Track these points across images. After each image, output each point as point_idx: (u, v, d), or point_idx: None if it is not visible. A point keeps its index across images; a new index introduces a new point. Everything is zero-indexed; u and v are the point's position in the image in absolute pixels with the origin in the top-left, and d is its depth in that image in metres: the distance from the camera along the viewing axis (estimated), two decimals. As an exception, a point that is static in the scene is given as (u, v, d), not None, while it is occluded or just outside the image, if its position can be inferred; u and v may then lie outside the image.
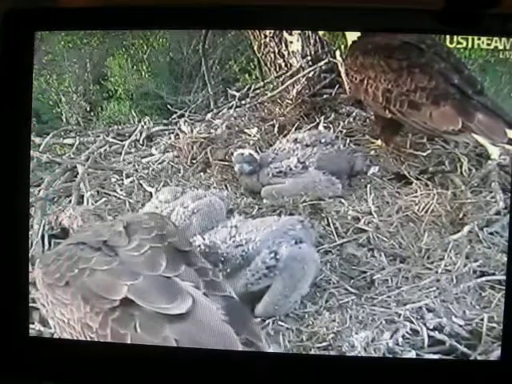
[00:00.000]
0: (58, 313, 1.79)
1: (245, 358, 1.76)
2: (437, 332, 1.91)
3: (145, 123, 2.49)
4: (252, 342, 1.71)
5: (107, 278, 1.75)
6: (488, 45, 1.93)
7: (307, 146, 2.38)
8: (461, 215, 2.14)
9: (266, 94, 2.54)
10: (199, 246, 2.01)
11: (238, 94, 2.53)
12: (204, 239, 2.04)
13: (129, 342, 1.69)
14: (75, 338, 1.77)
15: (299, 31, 2.45)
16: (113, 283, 1.73)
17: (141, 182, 2.36)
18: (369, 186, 2.29)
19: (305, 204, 2.24)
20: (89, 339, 1.74)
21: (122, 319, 1.69)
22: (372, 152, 2.38)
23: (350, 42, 2.28)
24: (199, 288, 1.75)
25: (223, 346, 1.70)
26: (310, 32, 2.46)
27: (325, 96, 2.55)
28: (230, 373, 1.83)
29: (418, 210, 2.18)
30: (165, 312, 1.67)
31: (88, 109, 2.46)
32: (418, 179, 2.26)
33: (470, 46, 1.95)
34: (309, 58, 2.54)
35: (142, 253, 1.80)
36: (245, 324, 1.75)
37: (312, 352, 1.90)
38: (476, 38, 1.93)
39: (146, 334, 1.67)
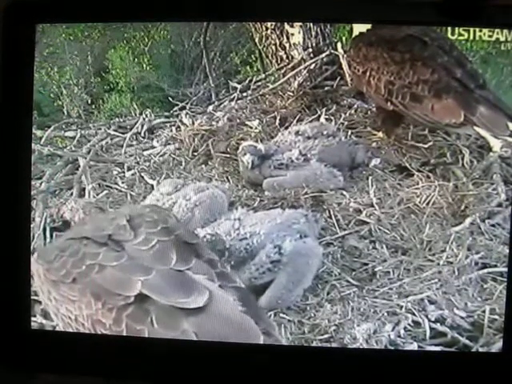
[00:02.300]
0: (64, 309, 1.78)
1: (245, 350, 1.76)
2: (438, 324, 1.91)
3: (146, 116, 2.49)
4: (269, 332, 1.71)
5: (119, 274, 1.72)
6: (489, 37, 1.93)
7: (309, 138, 2.38)
8: (462, 207, 2.14)
9: (268, 86, 2.55)
10: (204, 237, 2.01)
11: (239, 87, 2.54)
12: (207, 231, 2.04)
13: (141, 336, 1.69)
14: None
15: (300, 23, 2.45)
16: (126, 279, 1.71)
17: (142, 174, 2.36)
18: (370, 178, 2.29)
19: (306, 196, 2.24)
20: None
21: (137, 314, 1.67)
22: (373, 144, 2.39)
23: (355, 34, 2.28)
24: (214, 280, 1.74)
25: (246, 337, 1.69)
26: (311, 24, 2.46)
27: (326, 88, 2.55)
28: (228, 365, 1.83)
29: (419, 202, 2.18)
30: (182, 306, 1.66)
31: (89, 101, 2.46)
32: (419, 171, 2.26)
33: (471, 37, 1.95)
34: (310, 50, 2.54)
35: (150, 247, 1.78)
36: (260, 314, 1.75)
37: (314, 344, 1.90)
38: (477, 29, 1.93)
39: (163, 328, 1.66)
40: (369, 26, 2.20)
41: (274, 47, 2.54)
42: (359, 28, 2.24)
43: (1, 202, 1.89)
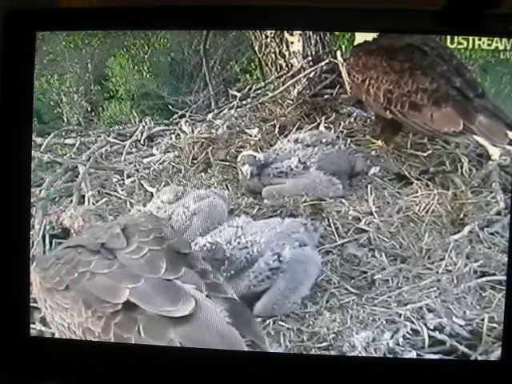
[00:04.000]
0: (58, 317, 1.79)
1: (246, 357, 1.76)
2: (437, 332, 1.91)
3: (146, 123, 2.49)
4: (256, 344, 1.72)
5: (108, 282, 1.74)
6: (489, 45, 1.93)
7: (308, 146, 2.38)
8: (461, 215, 2.14)
9: (267, 95, 2.54)
10: (204, 246, 2.01)
11: (238, 95, 2.53)
12: (207, 240, 2.05)
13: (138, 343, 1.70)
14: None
15: (300, 32, 2.45)
16: (114, 287, 1.73)
17: (142, 182, 2.36)
18: (369, 186, 2.29)
19: (305, 204, 2.24)
20: (91, 344, 1.75)
21: (125, 323, 1.69)
22: (373, 152, 2.38)
23: (356, 43, 2.29)
24: (201, 290, 1.75)
25: (228, 348, 1.70)
26: (310, 32, 2.47)
27: (326, 96, 2.55)
28: (229, 373, 1.83)
29: (418, 211, 2.18)
30: (168, 315, 1.67)
31: (89, 109, 2.46)
32: (418, 179, 2.26)
33: (470, 46, 1.96)
34: (310, 58, 2.54)
35: (141, 256, 1.79)
36: (249, 326, 1.76)
37: (312, 352, 1.90)
38: (477, 38, 1.93)
39: (150, 337, 1.67)
40: (371, 36, 2.20)
41: (273, 55, 2.54)
42: (361, 37, 2.25)
43: (0, 209, 1.89)
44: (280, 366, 1.84)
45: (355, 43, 2.30)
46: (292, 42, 2.52)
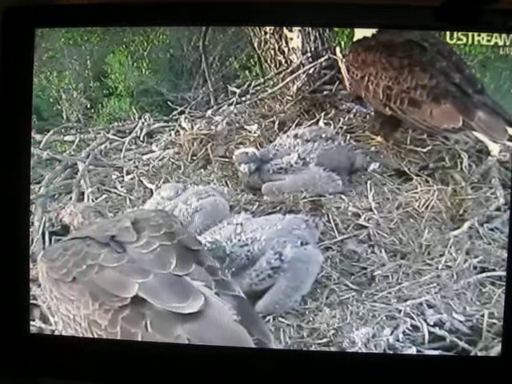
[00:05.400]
0: (63, 308, 1.78)
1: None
2: (437, 328, 1.91)
3: (145, 120, 2.49)
4: (264, 343, 1.71)
5: (117, 276, 1.73)
6: (488, 41, 1.93)
7: (307, 141, 2.38)
8: (461, 211, 2.14)
9: (267, 91, 2.55)
10: (204, 244, 2.00)
11: (238, 91, 2.53)
12: (207, 239, 2.04)
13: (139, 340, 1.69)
14: (80, 335, 1.77)
15: (299, 28, 2.45)
16: (123, 281, 1.71)
17: (141, 178, 2.36)
18: (369, 182, 2.29)
19: (305, 200, 2.24)
20: (96, 336, 1.73)
21: (133, 317, 1.68)
22: (372, 148, 2.39)
23: (355, 39, 2.29)
24: (211, 287, 1.74)
25: (237, 346, 1.70)
26: (310, 29, 2.47)
27: (325, 92, 2.55)
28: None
29: (418, 206, 2.18)
30: (177, 311, 1.66)
31: (88, 106, 2.46)
32: (418, 175, 2.26)
33: (470, 42, 1.96)
34: (309, 54, 2.54)
35: (151, 250, 1.78)
36: (255, 324, 1.75)
37: (312, 348, 1.90)
38: (476, 34, 1.93)
39: (157, 332, 1.66)
40: (371, 32, 2.20)
41: (272, 52, 2.54)
42: (360, 33, 2.24)
43: (0, 207, 1.89)
44: (280, 362, 1.84)
45: (354, 39, 2.30)
46: (291, 39, 2.52)
